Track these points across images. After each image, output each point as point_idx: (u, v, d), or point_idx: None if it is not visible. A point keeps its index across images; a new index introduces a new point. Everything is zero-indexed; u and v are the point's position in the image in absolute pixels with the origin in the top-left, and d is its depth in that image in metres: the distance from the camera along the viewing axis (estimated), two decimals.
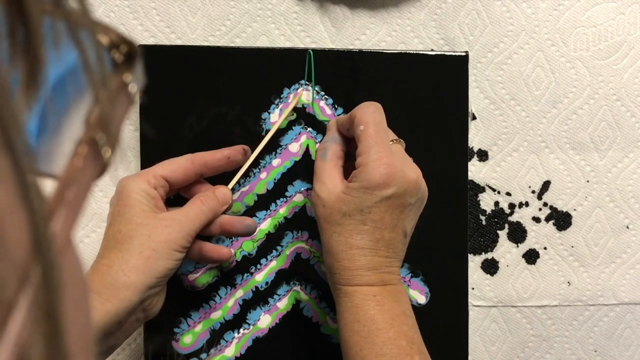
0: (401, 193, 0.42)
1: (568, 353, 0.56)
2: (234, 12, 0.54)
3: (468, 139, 0.53)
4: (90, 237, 0.53)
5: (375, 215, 0.42)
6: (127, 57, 0.20)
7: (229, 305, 0.51)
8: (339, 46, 0.54)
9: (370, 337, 0.41)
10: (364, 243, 0.43)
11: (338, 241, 0.43)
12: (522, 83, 0.55)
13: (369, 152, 0.42)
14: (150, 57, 0.50)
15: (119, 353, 0.53)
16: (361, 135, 0.43)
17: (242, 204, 0.51)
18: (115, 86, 0.19)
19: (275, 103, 0.51)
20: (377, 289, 0.43)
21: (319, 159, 0.46)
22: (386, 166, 0.42)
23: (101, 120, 0.18)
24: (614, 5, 0.56)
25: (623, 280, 0.56)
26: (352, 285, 0.43)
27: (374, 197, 0.42)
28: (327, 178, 0.45)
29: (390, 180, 0.42)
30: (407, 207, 0.43)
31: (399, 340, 0.41)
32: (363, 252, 0.43)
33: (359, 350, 0.42)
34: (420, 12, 0.55)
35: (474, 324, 0.55)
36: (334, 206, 0.43)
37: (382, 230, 0.43)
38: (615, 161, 0.56)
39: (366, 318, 0.42)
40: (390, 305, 0.43)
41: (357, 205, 0.42)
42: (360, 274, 0.43)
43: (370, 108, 0.45)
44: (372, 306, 0.42)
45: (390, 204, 0.42)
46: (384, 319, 0.42)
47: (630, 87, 0.56)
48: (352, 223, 0.43)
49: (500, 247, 0.56)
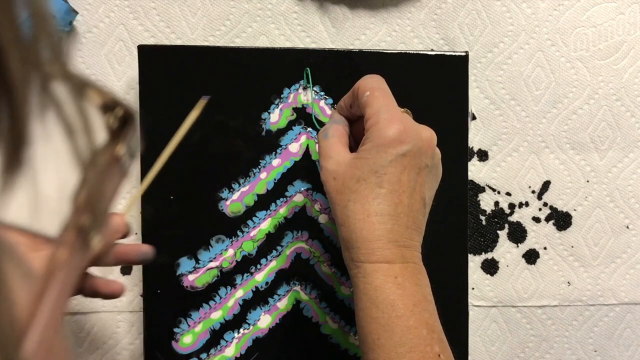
0: (416, 152, 0.40)
1: (568, 353, 0.56)
2: (234, 12, 0.54)
3: (468, 139, 0.53)
4: None
5: (391, 177, 0.40)
6: (123, 122, 0.18)
7: (229, 305, 0.51)
8: (339, 46, 0.54)
9: (389, 325, 0.39)
10: (382, 208, 0.40)
11: (354, 210, 0.40)
12: (522, 83, 0.55)
13: (378, 112, 0.40)
14: (150, 57, 0.50)
15: (119, 353, 0.53)
16: (368, 100, 0.41)
17: (242, 204, 0.51)
18: (107, 160, 0.17)
19: (275, 103, 0.51)
20: (398, 268, 0.40)
21: (322, 139, 0.44)
22: (399, 123, 0.40)
23: (89, 202, 0.16)
24: (614, 5, 0.56)
25: (623, 280, 0.56)
26: (371, 262, 0.40)
27: (388, 155, 0.39)
28: (333, 152, 0.43)
29: (404, 136, 0.40)
30: (423, 169, 0.41)
31: (420, 329, 0.39)
32: (382, 219, 0.40)
33: (376, 338, 0.39)
34: (420, 12, 0.55)
35: (474, 324, 0.55)
36: (346, 173, 0.41)
37: (400, 193, 0.40)
38: (615, 161, 0.56)
39: (385, 304, 0.39)
40: (412, 290, 0.40)
41: (372, 166, 0.40)
42: (380, 246, 0.39)
43: (374, 77, 0.43)
44: (392, 290, 0.39)
45: (407, 164, 0.40)
46: (404, 305, 0.39)
47: (630, 87, 0.56)
48: (367, 187, 0.40)
49: (500, 247, 0.56)
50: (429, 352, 0.38)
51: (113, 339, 0.54)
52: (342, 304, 0.52)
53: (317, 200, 0.52)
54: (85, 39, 0.53)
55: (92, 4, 0.53)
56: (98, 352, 0.53)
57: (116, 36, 0.53)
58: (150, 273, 0.50)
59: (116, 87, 0.53)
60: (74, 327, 0.53)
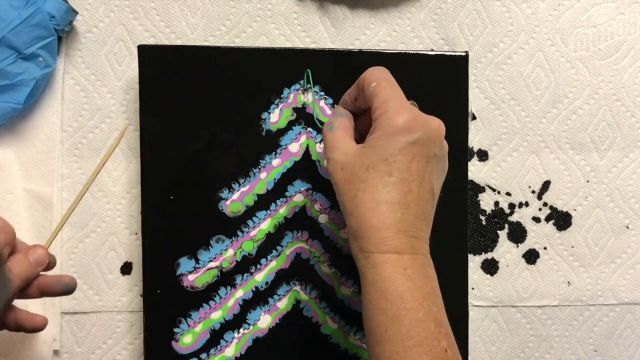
0: (425, 140, 0.40)
1: (568, 353, 0.56)
2: (234, 12, 0.54)
3: (468, 139, 0.53)
4: (90, 237, 0.53)
5: (401, 165, 0.39)
6: None
7: (229, 305, 0.51)
8: (339, 46, 0.54)
9: (397, 317, 0.38)
10: (391, 197, 0.39)
11: (364, 199, 0.39)
12: (522, 83, 0.55)
13: (387, 101, 0.40)
14: (150, 57, 0.50)
15: (119, 353, 0.53)
16: (375, 90, 0.41)
17: (242, 204, 0.51)
18: None
19: (275, 103, 0.51)
20: (408, 259, 0.39)
21: (327, 132, 0.43)
22: (408, 111, 0.40)
23: None
24: (614, 5, 0.56)
25: (623, 280, 0.56)
26: (381, 252, 0.39)
27: (398, 143, 0.39)
28: (340, 143, 0.42)
29: (413, 124, 0.39)
30: (432, 158, 0.41)
31: (428, 322, 0.38)
32: (392, 207, 0.39)
33: (383, 330, 0.38)
34: (420, 12, 0.55)
35: (474, 324, 0.56)
36: (355, 163, 0.40)
37: (410, 182, 0.39)
38: (615, 161, 0.56)
39: (395, 295, 0.38)
40: (421, 282, 0.39)
41: (381, 154, 0.39)
42: (390, 235, 0.39)
43: (379, 69, 0.43)
44: (402, 281, 0.38)
45: (416, 152, 0.39)
46: (413, 298, 0.38)
47: (630, 87, 0.56)
48: (377, 176, 0.39)
49: (500, 247, 0.56)
50: (437, 347, 0.38)
51: (113, 339, 0.54)
52: (342, 304, 0.52)
53: (317, 200, 0.52)
54: (85, 39, 0.53)
55: (92, 4, 0.53)
56: (98, 352, 0.53)
57: (116, 36, 0.53)
58: (150, 273, 0.50)
59: (116, 87, 0.53)
60: (73, 327, 0.53)
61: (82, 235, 0.53)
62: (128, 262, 0.53)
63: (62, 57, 0.52)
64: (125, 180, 0.53)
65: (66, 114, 0.53)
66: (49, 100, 0.52)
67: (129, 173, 0.53)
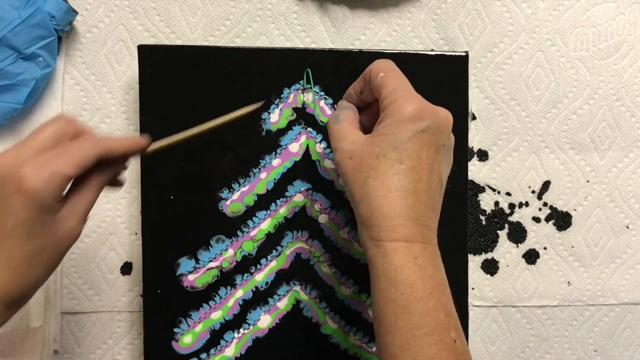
0: (435, 129, 0.40)
1: (568, 353, 0.56)
2: (234, 12, 0.54)
3: (468, 139, 0.53)
4: (90, 237, 0.53)
5: (411, 152, 0.39)
6: None
7: (229, 305, 0.51)
8: (339, 46, 0.54)
9: (407, 306, 0.38)
10: (402, 184, 0.39)
11: (374, 186, 0.39)
12: (522, 83, 0.55)
13: (395, 91, 0.40)
14: (150, 57, 0.50)
15: (119, 353, 0.53)
16: (382, 81, 0.41)
17: (242, 204, 0.51)
18: None
19: (275, 103, 0.51)
20: (419, 248, 0.39)
21: (332, 124, 0.43)
22: (417, 100, 0.40)
23: None
24: (614, 5, 0.56)
25: (623, 280, 0.56)
26: (392, 241, 0.39)
27: (408, 130, 0.39)
28: (347, 133, 0.42)
29: (423, 113, 0.39)
30: (441, 148, 0.41)
31: (438, 312, 0.38)
32: (403, 195, 0.39)
33: (393, 320, 0.38)
34: (420, 12, 0.55)
35: (474, 324, 0.56)
36: (364, 151, 0.40)
37: (420, 170, 0.39)
38: (615, 161, 0.56)
39: (405, 284, 0.38)
40: (431, 271, 0.39)
41: (391, 142, 0.39)
42: (401, 223, 0.39)
43: (385, 61, 0.43)
44: (413, 270, 0.38)
45: (426, 141, 0.39)
46: (424, 287, 0.38)
47: (630, 87, 0.56)
48: (387, 163, 0.39)
49: (500, 247, 0.56)
50: (446, 337, 0.38)
51: (113, 339, 0.54)
52: (342, 304, 0.52)
53: (317, 200, 0.52)
54: (85, 39, 0.53)
55: (92, 4, 0.53)
56: (98, 352, 0.53)
57: (116, 36, 0.53)
58: (150, 273, 0.50)
59: (116, 87, 0.53)
60: (73, 327, 0.53)
61: (82, 235, 0.53)
62: (128, 262, 0.53)
63: (62, 57, 0.52)
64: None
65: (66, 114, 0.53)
66: (49, 100, 0.52)
67: (128, 173, 0.53)
